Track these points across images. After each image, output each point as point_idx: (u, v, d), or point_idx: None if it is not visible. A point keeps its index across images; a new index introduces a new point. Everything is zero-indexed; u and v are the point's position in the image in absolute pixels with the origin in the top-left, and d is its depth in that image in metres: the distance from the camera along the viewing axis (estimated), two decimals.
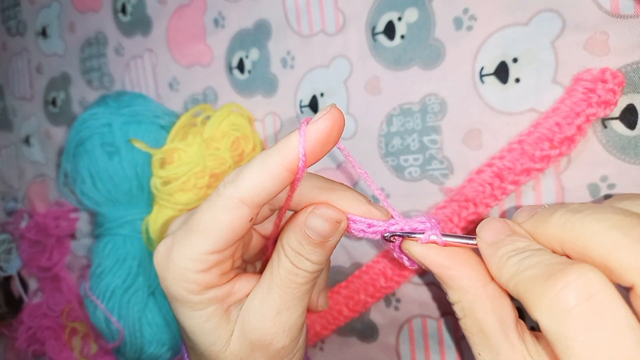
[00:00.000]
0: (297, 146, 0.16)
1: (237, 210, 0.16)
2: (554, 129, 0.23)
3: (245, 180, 0.16)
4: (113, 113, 0.36)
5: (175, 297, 0.17)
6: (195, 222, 0.17)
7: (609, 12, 0.22)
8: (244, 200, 0.16)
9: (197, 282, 0.17)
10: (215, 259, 0.17)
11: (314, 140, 0.16)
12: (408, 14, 0.28)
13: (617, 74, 0.22)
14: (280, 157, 0.16)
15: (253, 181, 0.16)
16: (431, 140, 0.28)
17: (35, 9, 0.51)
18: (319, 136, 0.16)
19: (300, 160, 0.16)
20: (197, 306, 0.17)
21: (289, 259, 0.17)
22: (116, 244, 0.36)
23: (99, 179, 0.36)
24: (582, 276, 0.13)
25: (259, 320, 0.17)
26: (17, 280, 0.52)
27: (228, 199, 0.16)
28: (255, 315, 0.17)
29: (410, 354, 0.30)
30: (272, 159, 0.16)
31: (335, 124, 0.16)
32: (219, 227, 0.16)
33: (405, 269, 0.29)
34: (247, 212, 0.16)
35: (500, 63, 0.26)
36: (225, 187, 0.16)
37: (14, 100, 0.54)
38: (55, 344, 0.47)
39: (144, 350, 0.35)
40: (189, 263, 0.17)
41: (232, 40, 0.37)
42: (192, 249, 0.17)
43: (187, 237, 0.17)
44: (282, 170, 0.16)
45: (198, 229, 0.17)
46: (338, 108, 0.16)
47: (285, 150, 0.16)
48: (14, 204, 0.54)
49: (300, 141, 0.16)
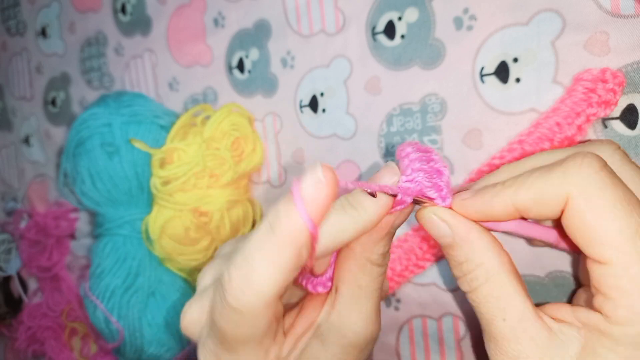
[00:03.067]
0: (302, 225, 0.14)
1: (264, 314, 0.15)
2: (554, 128, 0.23)
3: (257, 285, 0.14)
4: (113, 113, 0.36)
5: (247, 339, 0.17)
6: (230, 340, 0.16)
7: (610, 12, 0.22)
8: (265, 304, 0.15)
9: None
10: (263, 346, 0.17)
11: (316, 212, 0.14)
12: (408, 13, 0.28)
13: (618, 73, 0.22)
14: (288, 245, 0.14)
15: (267, 282, 0.14)
16: (431, 140, 0.28)
17: (35, 9, 0.51)
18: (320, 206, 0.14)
19: (313, 235, 0.14)
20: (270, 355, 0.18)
21: (377, 264, 0.18)
22: (116, 244, 0.36)
23: (99, 179, 0.36)
24: (589, 154, 0.15)
25: (367, 325, 0.18)
26: (16, 280, 0.52)
27: (250, 313, 0.15)
28: (359, 324, 0.18)
29: (410, 354, 0.30)
30: (280, 250, 0.14)
31: (331, 187, 0.14)
32: (255, 335, 0.16)
33: (405, 269, 0.29)
34: (275, 306, 0.16)
35: (501, 63, 0.26)
36: (237, 300, 0.15)
37: (13, 100, 0.54)
38: (55, 344, 0.47)
39: (143, 350, 0.35)
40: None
41: (232, 40, 0.36)
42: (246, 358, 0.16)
43: (233, 354, 0.16)
44: (293, 258, 0.14)
45: (237, 345, 0.16)
46: (327, 167, 0.14)
47: (291, 235, 0.14)
48: (13, 204, 0.54)
49: (303, 216, 0.14)
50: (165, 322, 0.36)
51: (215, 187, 0.34)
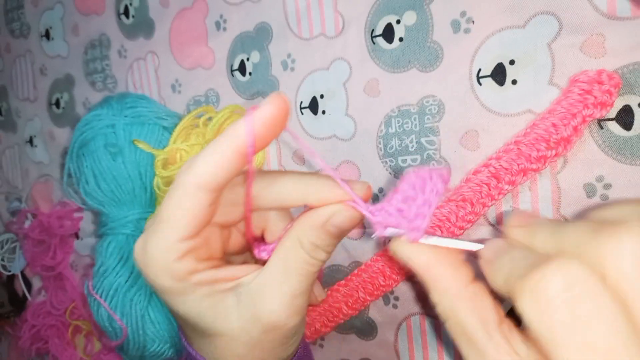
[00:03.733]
0: (244, 129, 0.17)
1: (195, 196, 0.17)
2: (551, 129, 0.24)
3: (198, 166, 0.17)
4: (116, 114, 0.37)
5: (162, 288, 0.18)
6: (160, 213, 0.18)
7: (606, 14, 0.23)
8: (199, 186, 0.17)
9: (176, 270, 0.18)
10: (187, 246, 0.18)
11: (261, 126, 0.17)
12: (406, 17, 0.29)
13: (614, 75, 0.22)
14: (230, 142, 0.17)
15: (206, 166, 0.17)
16: (429, 141, 0.28)
17: (39, 11, 0.51)
18: (265, 122, 0.17)
19: (249, 144, 0.17)
20: (185, 291, 0.18)
21: (306, 251, 0.19)
22: (119, 243, 0.37)
23: (103, 179, 0.36)
24: (564, 265, 0.13)
25: (275, 306, 0.18)
26: (20, 279, 0.52)
27: (185, 186, 0.17)
28: (269, 301, 0.18)
29: (409, 351, 0.31)
30: (223, 144, 0.17)
31: (279, 110, 0.17)
32: (181, 214, 0.17)
33: (403, 267, 0.29)
34: (206, 197, 0.17)
35: (498, 65, 0.26)
36: (182, 175, 0.18)
37: (17, 102, 0.55)
38: (58, 342, 0.48)
39: (146, 347, 0.36)
40: (164, 254, 0.18)
41: (233, 42, 0.37)
42: (163, 239, 0.18)
43: (156, 230, 0.18)
44: (232, 153, 0.17)
45: (163, 219, 0.18)
46: (282, 95, 0.17)
47: (234, 134, 0.17)
48: (17, 204, 0.54)
49: (247, 126, 0.17)
50: (168, 320, 0.36)
51: None
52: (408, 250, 0.17)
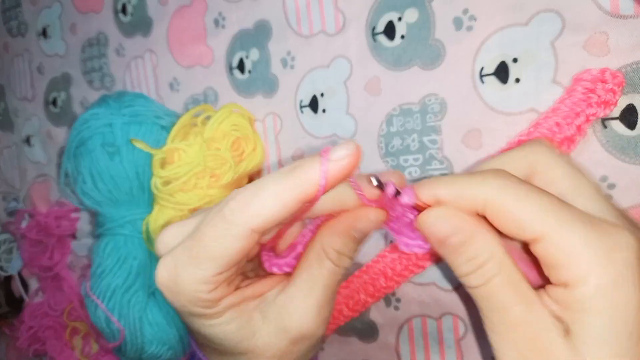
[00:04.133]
0: (317, 180, 0.16)
1: (249, 239, 0.16)
2: (554, 129, 0.23)
3: (258, 211, 0.16)
4: (114, 113, 0.36)
5: (191, 314, 0.18)
6: (202, 249, 0.17)
7: (609, 12, 0.23)
8: (254, 229, 0.16)
9: (209, 300, 0.17)
10: (223, 277, 0.17)
11: (333, 177, 0.16)
12: (408, 14, 0.28)
13: (617, 74, 0.22)
14: (298, 191, 0.16)
15: (267, 213, 0.16)
16: (431, 141, 0.28)
17: (36, 9, 0.51)
18: (337, 174, 0.16)
19: (319, 193, 0.16)
20: (214, 316, 0.18)
21: (332, 260, 0.19)
22: (117, 243, 0.36)
23: (100, 179, 0.36)
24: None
25: (302, 317, 0.18)
26: (18, 280, 0.52)
27: (240, 229, 0.16)
28: (297, 313, 0.18)
29: (410, 353, 0.31)
30: (289, 192, 0.16)
31: (354, 163, 0.16)
32: (229, 254, 0.17)
33: (405, 269, 0.29)
34: (254, 239, 0.17)
35: (500, 63, 0.26)
36: (235, 215, 0.16)
37: (15, 101, 0.54)
38: (56, 343, 0.47)
39: (144, 349, 0.35)
40: (200, 286, 0.17)
41: (232, 40, 0.37)
42: (201, 274, 0.17)
43: (194, 264, 0.17)
44: (297, 203, 0.16)
45: (207, 256, 0.17)
46: (358, 146, 0.16)
47: (305, 184, 0.16)
48: (15, 204, 0.54)
49: (322, 175, 0.15)
50: (166, 321, 0.36)
51: (215, 187, 0.34)
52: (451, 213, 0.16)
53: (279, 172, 0.16)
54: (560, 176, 0.17)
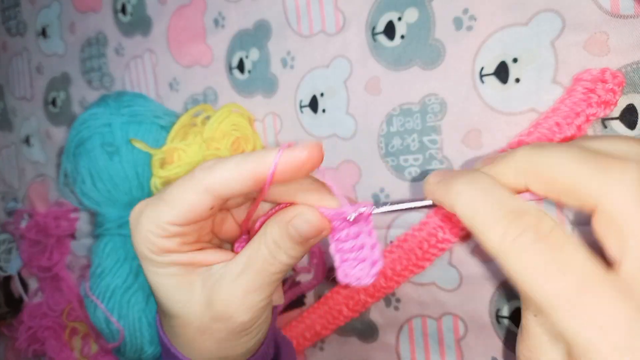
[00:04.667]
0: (271, 162, 0.17)
1: (201, 195, 0.18)
2: (554, 129, 0.23)
3: (217, 173, 0.18)
4: (113, 113, 0.36)
5: (140, 254, 0.19)
6: (166, 191, 0.19)
7: (609, 12, 0.22)
8: (208, 189, 0.18)
9: (157, 245, 0.19)
10: (176, 230, 0.18)
11: (286, 164, 0.17)
12: (408, 14, 0.28)
13: (617, 74, 0.22)
14: (253, 166, 0.17)
15: (222, 176, 0.18)
16: (431, 140, 0.28)
17: (35, 9, 0.51)
18: (291, 164, 0.17)
19: (268, 175, 0.17)
20: (159, 264, 0.19)
21: (268, 249, 0.19)
22: (116, 244, 0.36)
23: (99, 179, 0.36)
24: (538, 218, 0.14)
25: (227, 295, 0.19)
26: (17, 280, 0.52)
27: (197, 182, 0.18)
28: (224, 289, 0.19)
29: (410, 353, 0.31)
30: (246, 165, 0.18)
31: (310, 159, 0.17)
32: (181, 203, 0.18)
33: (405, 269, 0.29)
34: (209, 200, 0.18)
35: (500, 63, 0.26)
36: (200, 171, 0.18)
37: (14, 100, 0.54)
38: (55, 343, 0.47)
39: (143, 350, 0.35)
40: (152, 227, 0.18)
41: (232, 40, 0.37)
42: (157, 215, 0.18)
43: (155, 203, 0.19)
44: (250, 178, 0.18)
45: (165, 198, 0.18)
46: (320, 147, 0.17)
47: (260, 162, 0.17)
48: (14, 204, 0.54)
49: (275, 158, 0.17)
50: None
51: None
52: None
53: (247, 152, 0.18)
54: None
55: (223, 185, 0.18)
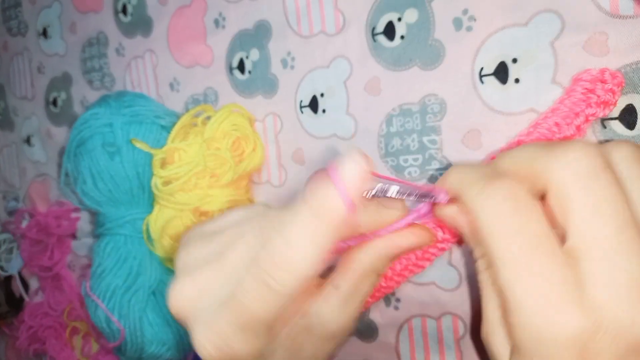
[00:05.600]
0: (342, 207, 0.14)
1: (295, 294, 0.16)
2: (553, 129, 0.23)
3: (299, 266, 0.15)
4: (114, 113, 0.36)
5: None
6: (250, 319, 0.16)
7: (609, 12, 0.23)
8: (302, 284, 0.15)
9: (266, 344, 0.17)
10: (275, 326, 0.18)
11: (355, 194, 0.14)
12: (408, 14, 0.28)
13: (617, 74, 0.22)
14: (328, 226, 0.14)
15: (308, 264, 0.15)
16: (431, 141, 0.28)
17: (36, 9, 0.51)
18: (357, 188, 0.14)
19: (352, 217, 0.14)
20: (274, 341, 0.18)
21: (380, 275, 0.20)
22: (117, 243, 0.36)
23: (100, 179, 0.36)
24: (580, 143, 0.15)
25: (346, 325, 0.20)
26: (18, 280, 0.52)
27: (287, 293, 0.15)
28: (341, 322, 0.19)
29: (410, 353, 0.31)
30: (321, 232, 0.14)
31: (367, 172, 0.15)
32: (277, 315, 0.16)
33: (405, 269, 0.29)
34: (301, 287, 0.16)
35: (500, 63, 0.26)
36: (278, 279, 0.15)
37: (15, 100, 0.54)
38: (56, 343, 0.47)
39: (144, 349, 0.35)
40: (254, 349, 0.16)
41: (232, 40, 0.37)
42: (259, 341, 0.16)
43: (245, 335, 0.16)
44: (333, 239, 0.15)
45: (254, 325, 0.16)
46: (362, 152, 0.15)
47: (332, 216, 0.14)
48: (14, 204, 0.54)
49: (343, 198, 0.14)
50: (166, 321, 0.36)
51: (215, 187, 0.34)
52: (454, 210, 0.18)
53: (300, 214, 0.15)
54: None
55: (311, 273, 0.15)
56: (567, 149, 0.15)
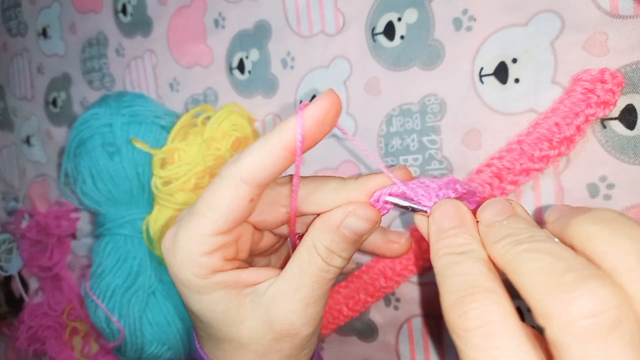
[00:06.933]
0: (294, 126, 0.16)
1: (237, 188, 0.17)
2: (553, 129, 0.23)
3: (245, 159, 0.17)
4: (114, 113, 0.36)
5: (183, 281, 0.18)
6: (198, 204, 0.18)
7: (608, 12, 0.23)
8: (244, 179, 0.17)
9: (201, 265, 0.17)
10: (218, 241, 0.17)
11: (311, 119, 0.16)
12: (408, 14, 0.28)
13: (616, 74, 0.22)
14: (279, 137, 0.17)
15: (253, 160, 0.17)
16: (430, 141, 0.28)
17: (36, 9, 0.51)
18: (316, 116, 0.16)
19: (298, 139, 0.16)
20: (204, 290, 0.18)
21: (321, 257, 0.18)
22: (117, 243, 0.36)
23: (100, 179, 0.36)
24: (595, 290, 0.12)
25: (287, 313, 0.18)
26: (17, 280, 0.52)
27: (228, 178, 0.17)
28: (283, 308, 0.18)
29: (410, 353, 0.31)
30: (272, 139, 0.17)
31: (332, 105, 0.17)
32: (219, 205, 0.17)
33: (405, 269, 0.29)
34: (247, 191, 0.17)
35: (500, 63, 0.26)
36: (226, 167, 0.17)
37: (14, 100, 0.54)
38: (55, 343, 0.47)
39: (144, 349, 0.35)
40: (193, 245, 0.17)
41: (232, 40, 0.37)
42: (196, 230, 0.17)
43: (190, 220, 0.18)
44: (281, 150, 0.17)
45: (200, 210, 0.17)
46: (334, 91, 0.17)
47: (284, 130, 0.16)
48: (14, 204, 0.54)
49: (298, 121, 0.16)
50: (166, 321, 0.36)
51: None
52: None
53: (266, 133, 0.17)
54: None
55: (256, 168, 0.17)
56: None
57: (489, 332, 0.13)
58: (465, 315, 0.14)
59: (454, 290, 0.14)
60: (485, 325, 0.13)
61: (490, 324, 0.13)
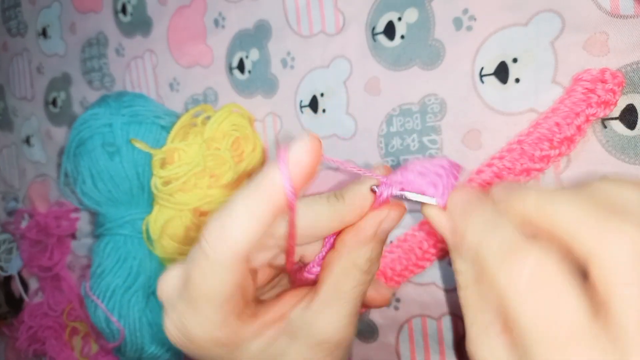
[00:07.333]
0: (280, 179, 0.15)
1: (235, 269, 0.16)
2: (554, 129, 0.23)
3: (234, 234, 0.15)
4: (114, 113, 0.36)
5: (219, 355, 0.17)
6: (195, 292, 0.16)
7: (609, 12, 0.23)
8: (239, 257, 0.15)
9: (223, 339, 0.17)
10: (227, 313, 0.17)
11: (298, 179, 0.15)
12: (408, 14, 0.28)
13: (617, 74, 0.22)
14: (267, 197, 0.15)
15: (243, 233, 0.15)
16: (431, 141, 0.28)
17: (36, 9, 0.51)
18: (303, 174, 0.15)
19: (290, 196, 0.15)
20: (238, 349, 0.18)
21: (363, 270, 0.18)
22: (117, 243, 0.36)
23: (100, 179, 0.36)
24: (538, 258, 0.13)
25: (338, 329, 0.18)
26: (17, 280, 0.52)
27: (223, 262, 0.15)
28: (331, 326, 0.18)
29: (410, 353, 0.31)
30: (259, 201, 0.15)
31: (316, 156, 0.15)
32: (221, 290, 0.16)
33: (405, 269, 0.29)
34: (245, 265, 0.16)
35: (500, 63, 0.26)
36: (214, 248, 0.15)
37: (14, 100, 0.54)
38: (55, 343, 0.47)
39: (144, 349, 0.35)
40: (208, 332, 0.16)
41: (232, 40, 0.37)
42: (204, 318, 0.16)
43: (195, 312, 0.16)
44: (271, 211, 0.15)
45: (202, 298, 0.16)
46: (314, 137, 0.16)
47: (270, 187, 0.15)
48: (14, 204, 0.54)
49: (283, 171, 0.15)
50: None
51: (215, 187, 0.34)
52: (439, 214, 0.17)
53: (244, 189, 0.16)
54: None
55: (249, 242, 0.15)
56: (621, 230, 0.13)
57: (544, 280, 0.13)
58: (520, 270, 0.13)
59: (499, 252, 0.14)
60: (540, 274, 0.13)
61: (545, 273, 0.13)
